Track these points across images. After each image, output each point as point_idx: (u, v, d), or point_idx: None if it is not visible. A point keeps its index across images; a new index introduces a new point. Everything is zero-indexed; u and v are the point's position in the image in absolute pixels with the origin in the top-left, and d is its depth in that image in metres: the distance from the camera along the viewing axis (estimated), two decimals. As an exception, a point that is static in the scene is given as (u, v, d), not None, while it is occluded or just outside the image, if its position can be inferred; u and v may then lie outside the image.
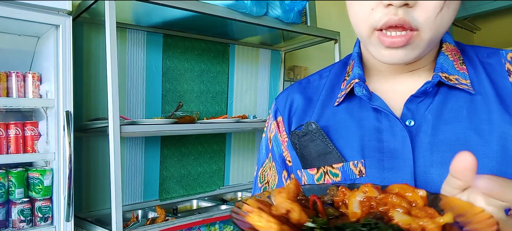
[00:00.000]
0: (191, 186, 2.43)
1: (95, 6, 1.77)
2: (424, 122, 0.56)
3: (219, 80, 2.59)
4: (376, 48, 0.55)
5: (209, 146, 2.51)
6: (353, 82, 0.61)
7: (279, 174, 0.70)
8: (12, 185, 1.56)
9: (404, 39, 0.51)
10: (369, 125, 0.59)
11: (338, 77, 0.68)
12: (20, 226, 1.55)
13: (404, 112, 0.58)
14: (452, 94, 0.57)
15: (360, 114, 0.61)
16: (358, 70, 0.63)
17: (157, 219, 1.91)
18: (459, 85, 0.56)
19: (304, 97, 0.68)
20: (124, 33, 2.15)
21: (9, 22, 1.56)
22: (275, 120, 0.71)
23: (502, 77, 0.57)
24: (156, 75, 2.29)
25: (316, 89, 0.69)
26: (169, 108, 2.32)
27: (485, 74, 0.58)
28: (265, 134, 0.75)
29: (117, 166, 1.60)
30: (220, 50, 2.59)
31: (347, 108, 0.62)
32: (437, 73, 0.57)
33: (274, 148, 0.71)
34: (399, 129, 0.56)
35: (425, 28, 0.52)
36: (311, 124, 0.62)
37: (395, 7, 0.51)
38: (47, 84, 1.68)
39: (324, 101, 0.66)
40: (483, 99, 0.56)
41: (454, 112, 0.56)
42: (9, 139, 1.62)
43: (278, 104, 0.72)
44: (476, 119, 0.55)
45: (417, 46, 0.53)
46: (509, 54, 0.59)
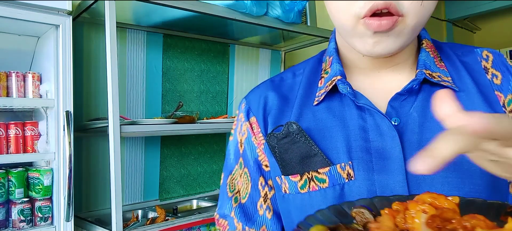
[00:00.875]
0: (191, 186, 2.43)
1: (95, 6, 1.77)
2: (410, 120, 0.54)
3: (219, 80, 2.59)
4: (362, 39, 0.52)
5: (209, 146, 2.51)
6: (335, 79, 0.57)
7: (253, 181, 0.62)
8: (12, 185, 1.56)
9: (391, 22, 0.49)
10: (354, 125, 0.55)
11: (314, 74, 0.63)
12: (20, 226, 1.55)
13: (388, 111, 0.55)
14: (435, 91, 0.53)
15: (342, 113, 0.57)
16: (338, 66, 0.58)
17: (157, 219, 1.91)
18: (442, 82, 0.55)
19: (279, 96, 0.62)
20: (124, 33, 2.15)
21: (9, 22, 1.56)
22: (248, 121, 0.64)
23: (480, 74, 0.57)
24: (156, 75, 2.29)
25: (291, 88, 0.63)
26: (169, 108, 2.32)
27: (466, 72, 0.57)
28: (233, 137, 0.67)
29: (117, 166, 1.60)
30: (220, 50, 2.59)
31: (328, 107, 0.58)
32: (421, 70, 0.55)
33: (246, 152, 0.63)
34: (386, 128, 0.53)
35: (410, 14, 0.50)
36: (291, 124, 0.56)
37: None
38: (47, 84, 1.68)
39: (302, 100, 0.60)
40: (466, 95, 0.55)
41: None
42: (9, 139, 1.62)
43: (250, 103, 0.64)
44: None
45: (402, 33, 0.51)
46: (484, 52, 0.60)
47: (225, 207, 0.64)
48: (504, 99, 0.55)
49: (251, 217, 0.61)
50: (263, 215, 0.60)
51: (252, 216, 0.61)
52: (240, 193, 0.63)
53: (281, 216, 0.60)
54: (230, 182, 0.65)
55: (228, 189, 0.65)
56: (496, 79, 0.56)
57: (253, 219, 0.60)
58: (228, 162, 0.67)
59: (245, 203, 0.62)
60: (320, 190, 0.52)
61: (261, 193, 0.61)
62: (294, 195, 0.55)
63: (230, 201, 0.64)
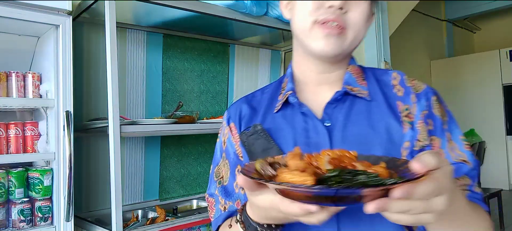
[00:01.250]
0: (191, 186, 2.43)
1: (95, 6, 1.77)
2: (337, 122, 0.76)
3: (219, 80, 2.59)
4: (316, 39, 0.74)
5: (209, 146, 2.51)
6: (288, 94, 0.80)
7: (232, 169, 0.84)
8: (12, 185, 1.56)
9: (338, 30, 0.72)
10: (299, 126, 0.78)
11: (276, 91, 0.87)
12: (20, 226, 1.55)
13: (323, 116, 0.77)
14: (356, 101, 0.78)
15: (292, 118, 0.79)
16: (291, 85, 0.82)
17: (157, 219, 1.91)
18: (359, 94, 0.78)
19: (250, 107, 0.86)
20: (124, 33, 2.15)
21: (9, 22, 1.56)
22: (228, 126, 0.87)
23: (389, 89, 0.80)
24: (156, 75, 2.29)
25: (260, 101, 0.87)
26: (169, 108, 2.32)
27: (378, 87, 0.80)
28: (219, 139, 0.90)
29: (117, 166, 1.60)
30: (220, 50, 2.59)
31: (283, 114, 0.81)
32: (344, 86, 0.78)
33: (228, 148, 0.86)
34: (320, 128, 0.76)
35: (350, 29, 0.73)
36: (257, 125, 0.80)
37: (334, 8, 0.71)
38: (47, 84, 1.68)
39: (266, 109, 0.84)
40: (376, 104, 0.77)
41: (357, 115, 0.76)
42: (9, 139, 1.62)
43: (230, 113, 0.88)
44: (371, 118, 0.76)
45: (344, 41, 0.74)
46: (393, 73, 0.82)
47: (212, 188, 0.87)
48: (402, 106, 0.77)
49: (230, 194, 0.84)
50: (238, 193, 0.83)
51: (231, 193, 0.84)
52: (223, 178, 0.86)
53: None
54: (217, 171, 0.88)
55: (215, 176, 0.88)
56: (399, 92, 0.79)
57: (231, 195, 0.84)
58: (215, 157, 0.90)
59: (226, 185, 0.85)
60: None
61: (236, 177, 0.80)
62: None
63: (215, 183, 0.87)
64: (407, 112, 0.76)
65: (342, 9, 0.72)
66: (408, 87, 0.79)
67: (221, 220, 0.83)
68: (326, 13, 0.71)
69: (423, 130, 0.74)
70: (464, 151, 0.76)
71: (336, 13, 0.71)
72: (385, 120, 0.75)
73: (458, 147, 0.76)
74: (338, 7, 0.71)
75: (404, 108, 0.76)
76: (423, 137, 0.74)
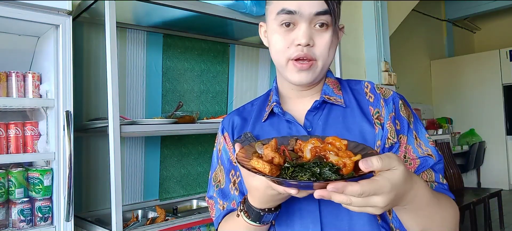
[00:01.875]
0: (191, 186, 2.43)
1: (95, 6, 1.77)
2: (317, 127, 0.88)
3: (219, 80, 2.59)
4: (291, 73, 0.86)
5: (209, 146, 2.51)
6: (273, 105, 0.93)
7: (227, 174, 0.96)
8: (12, 185, 1.56)
9: (308, 65, 0.84)
10: (284, 132, 0.89)
11: (264, 103, 0.99)
12: (20, 226, 1.55)
13: (305, 122, 0.89)
14: (333, 108, 0.90)
15: (278, 126, 0.91)
16: (276, 97, 0.94)
17: (157, 219, 1.91)
18: (336, 102, 0.90)
19: (241, 118, 0.98)
20: (124, 33, 2.15)
21: (9, 22, 1.56)
22: (223, 135, 0.99)
23: (362, 96, 0.92)
24: (156, 75, 2.29)
25: (250, 113, 0.99)
26: (169, 108, 2.32)
27: (352, 95, 0.92)
28: (215, 147, 1.02)
29: (117, 166, 1.60)
30: (220, 50, 2.59)
31: (270, 123, 0.93)
32: (322, 96, 0.90)
33: (223, 155, 0.98)
34: (302, 133, 0.87)
35: (319, 59, 0.85)
36: (247, 133, 0.92)
37: (302, 46, 0.83)
38: (47, 84, 1.68)
39: (255, 119, 0.96)
40: (351, 110, 0.89)
41: (334, 120, 0.88)
42: (9, 139, 1.62)
43: (223, 125, 1.01)
44: (347, 122, 0.88)
45: (315, 71, 0.86)
46: (365, 83, 0.94)
47: (211, 191, 1.00)
48: (373, 111, 0.89)
49: (227, 195, 0.95)
50: (233, 194, 0.94)
51: (227, 195, 0.95)
52: (220, 182, 0.98)
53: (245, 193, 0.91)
54: (214, 176, 1.00)
55: (213, 181, 1.00)
56: (371, 99, 0.91)
57: (227, 197, 0.95)
58: (213, 163, 1.02)
59: (223, 188, 0.97)
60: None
61: (231, 180, 0.96)
62: None
63: (213, 187, 0.99)
64: (377, 115, 0.88)
65: (309, 45, 0.83)
66: (378, 93, 0.91)
67: (221, 218, 0.95)
68: (297, 51, 0.83)
69: (391, 129, 0.86)
70: (429, 146, 0.87)
71: (304, 50, 0.83)
72: (359, 123, 0.87)
73: (424, 143, 0.87)
74: (305, 44, 0.82)
75: (375, 112, 0.88)
76: (392, 135, 0.85)
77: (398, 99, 0.90)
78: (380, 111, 0.88)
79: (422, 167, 0.85)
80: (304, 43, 0.82)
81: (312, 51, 0.84)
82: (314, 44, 0.84)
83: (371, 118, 0.88)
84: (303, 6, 0.82)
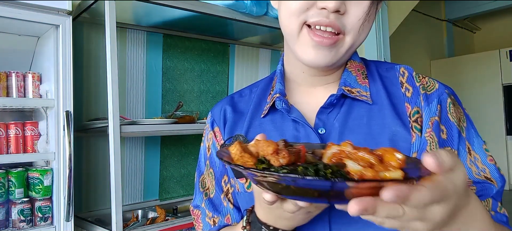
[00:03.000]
0: (191, 186, 2.43)
1: (95, 6, 1.77)
2: (333, 130, 0.65)
3: (219, 80, 2.59)
4: (304, 47, 0.62)
5: (209, 146, 2.51)
6: (275, 97, 0.68)
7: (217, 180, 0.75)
8: (12, 185, 1.56)
9: (331, 40, 0.59)
10: (289, 134, 0.67)
11: (265, 91, 0.75)
12: (20, 226, 1.55)
13: (316, 122, 0.66)
14: (355, 105, 0.66)
15: (282, 125, 0.68)
16: (279, 86, 0.70)
17: (157, 219, 1.91)
18: (359, 97, 0.65)
19: (235, 111, 0.75)
20: (124, 33, 2.15)
21: (9, 22, 1.56)
22: (212, 130, 0.76)
23: (396, 88, 0.67)
24: (156, 75, 2.29)
25: (247, 103, 0.75)
26: (169, 108, 2.31)
27: (382, 86, 0.68)
28: (203, 143, 0.80)
29: (117, 166, 1.60)
30: (220, 50, 2.59)
31: (271, 120, 0.70)
32: (340, 87, 0.66)
33: (212, 155, 0.76)
34: (313, 137, 0.64)
35: (349, 33, 0.61)
36: (239, 136, 0.69)
37: (327, 11, 0.58)
38: (47, 84, 1.68)
39: (252, 113, 0.73)
40: (379, 107, 0.65)
41: (356, 121, 0.65)
42: (9, 139, 1.62)
43: (214, 116, 0.77)
44: (373, 125, 0.64)
45: (340, 50, 0.62)
46: (401, 68, 0.69)
47: (197, 199, 0.78)
48: (410, 110, 0.64)
49: (218, 208, 0.74)
50: (227, 206, 0.73)
51: (218, 207, 0.74)
52: (209, 189, 0.76)
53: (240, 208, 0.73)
54: (202, 181, 0.78)
55: (200, 186, 0.78)
56: (408, 93, 0.66)
57: (219, 210, 0.74)
58: (199, 164, 0.79)
59: (212, 198, 0.75)
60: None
61: (223, 189, 0.74)
62: (243, 193, 0.69)
63: (201, 195, 0.77)
64: (417, 115, 0.63)
65: (338, 12, 0.58)
66: (418, 86, 0.66)
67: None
68: (319, 16, 0.58)
69: (432, 140, 0.61)
70: (487, 164, 0.62)
71: (330, 17, 0.58)
72: (389, 127, 0.63)
73: (481, 159, 0.62)
74: (333, 10, 0.58)
75: (413, 111, 0.64)
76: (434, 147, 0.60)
77: (446, 96, 0.65)
78: (420, 110, 0.64)
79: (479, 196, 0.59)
80: (332, 7, 0.57)
81: (341, 21, 0.59)
82: (346, 12, 0.59)
83: (407, 120, 0.63)
84: None
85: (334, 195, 0.42)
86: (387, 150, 0.45)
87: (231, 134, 0.73)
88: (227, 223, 0.73)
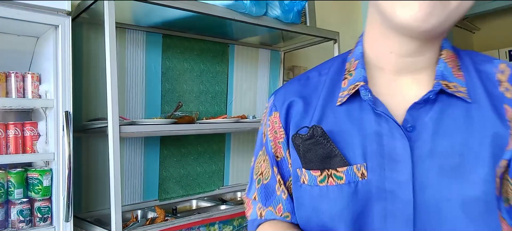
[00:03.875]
0: (191, 186, 2.43)
1: (94, 6, 1.77)
2: (424, 129, 0.57)
3: (218, 80, 2.59)
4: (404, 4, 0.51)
5: (209, 146, 2.51)
6: (359, 85, 0.61)
7: (271, 168, 0.71)
8: (11, 185, 1.56)
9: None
10: (370, 129, 0.60)
11: (338, 75, 0.67)
12: (19, 226, 1.55)
13: (406, 118, 0.58)
14: (450, 102, 0.58)
15: (360, 117, 0.61)
16: (362, 72, 0.62)
17: (157, 219, 1.91)
18: (457, 93, 0.57)
19: (303, 97, 0.68)
20: (124, 33, 2.15)
21: (8, 22, 1.56)
22: (271, 115, 0.71)
23: (494, 86, 0.59)
24: (156, 75, 2.29)
25: (316, 87, 0.68)
26: (169, 108, 2.31)
27: (480, 82, 0.59)
28: (261, 127, 0.75)
29: (117, 167, 1.60)
30: (219, 50, 2.59)
31: (347, 111, 0.62)
32: (438, 81, 0.58)
33: (268, 142, 0.71)
34: (399, 134, 0.57)
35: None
36: (317, 128, 0.61)
37: None
38: (46, 84, 1.68)
39: (325, 100, 0.65)
40: (478, 107, 0.57)
41: (452, 121, 0.57)
42: (8, 139, 1.62)
43: (275, 101, 0.71)
44: (471, 128, 0.56)
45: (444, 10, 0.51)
46: (502, 64, 0.61)
47: (251, 191, 0.73)
48: (510, 112, 0.57)
49: (271, 195, 0.69)
50: (280, 195, 0.69)
51: (271, 194, 0.69)
52: (263, 175, 0.71)
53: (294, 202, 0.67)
54: (256, 166, 0.74)
55: (254, 173, 0.74)
56: (508, 93, 0.58)
57: (272, 197, 0.69)
58: (256, 148, 0.75)
59: (266, 184, 0.70)
60: (338, 186, 0.60)
61: (276, 178, 0.69)
62: (311, 186, 0.62)
63: (254, 182, 0.73)
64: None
65: None
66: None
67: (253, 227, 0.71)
68: None
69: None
70: None
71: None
72: (491, 130, 0.55)
73: None
74: None
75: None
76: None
77: None
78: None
79: None
80: None
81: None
82: None
83: (507, 124, 0.56)
84: None
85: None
86: None
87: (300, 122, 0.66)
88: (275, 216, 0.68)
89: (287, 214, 0.68)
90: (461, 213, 0.52)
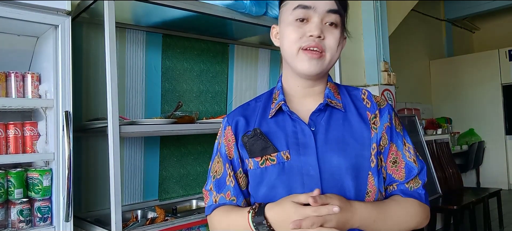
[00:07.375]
0: (191, 186, 2.43)
1: (94, 6, 1.77)
2: (320, 127, 0.97)
3: (218, 80, 2.59)
4: (302, 62, 0.94)
5: (209, 146, 2.51)
6: (281, 103, 1.00)
7: (224, 166, 1.03)
8: (12, 185, 1.56)
9: (318, 54, 0.93)
10: (289, 129, 0.97)
11: (268, 101, 1.06)
12: (20, 226, 1.55)
13: (309, 122, 0.97)
14: (334, 111, 0.99)
15: (283, 123, 0.99)
16: (282, 96, 1.02)
17: (157, 219, 1.91)
18: (336, 106, 0.99)
19: (244, 118, 1.04)
20: (124, 33, 2.15)
21: (8, 22, 1.56)
22: (225, 130, 1.05)
23: (360, 102, 1.02)
24: (156, 75, 2.29)
25: (254, 110, 1.05)
26: (169, 108, 2.31)
27: (351, 100, 1.02)
28: (217, 140, 1.09)
29: (117, 166, 1.60)
30: (219, 50, 2.59)
31: (275, 120, 1.00)
32: (325, 99, 0.99)
33: (222, 148, 1.04)
34: (307, 131, 0.95)
35: (328, 51, 0.95)
36: (256, 130, 0.99)
37: (314, 37, 0.92)
38: (46, 84, 1.68)
39: (261, 116, 1.03)
40: (351, 114, 0.99)
41: (336, 122, 0.97)
42: (8, 139, 1.61)
43: (228, 120, 1.07)
44: (347, 124, 0.97)
45: (324, 62, 0.95)
46: (363, 90, 1.05)
47: (208, 184, 1.06)
48: (370, 115, 0.99)
49: (222, 186, 1.02)
50: (229, 185, 1.01)
51: (222, 185, 1.02)
52: (217, 172, 1.04)
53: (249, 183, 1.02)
54: (212, 168, 1.07)
55: (211, 171, 1.07)
56: (368, 105, 1.01)
57: (222, 187, 1.02)
58: (213, 155, 1.09)
59: (219, 178, 1.03)
60: (272, 165, 0.96)
61: (227, 172, 1.02)
62: (255, 169, 0.98)
63: (210, 178, 1.06)
64: (374, 120, 0.99)
65: (320, 37, 0.93)
66: (375, 102, 1.01)
67: (211, 210, 1.03)
68: (308, 41, 0.93)
69: (384, 137, 0.98)
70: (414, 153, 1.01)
71: (315, 41, 0.92)
72: (357, 126, 0.97)
73: (412, 148, 1.01)
74: (317, 36, 0.92)
75: (372, 117, 0.99)
76: (384, 142, 0.98)
77: (392, 110, 1.03)
78: (376, 117, 0.99)
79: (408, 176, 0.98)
80: (316, 35, 0.92)
81: (323, 43, 0.93)
82: (325, 38, 0.94)
83: (369, 122, 0.99)
84: (317, 3, 0.93)
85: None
86: None
87: (244, 132, 1.01)
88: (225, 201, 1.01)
89: (233, 198, 1.01)
90: (346, 174, 0.92)
